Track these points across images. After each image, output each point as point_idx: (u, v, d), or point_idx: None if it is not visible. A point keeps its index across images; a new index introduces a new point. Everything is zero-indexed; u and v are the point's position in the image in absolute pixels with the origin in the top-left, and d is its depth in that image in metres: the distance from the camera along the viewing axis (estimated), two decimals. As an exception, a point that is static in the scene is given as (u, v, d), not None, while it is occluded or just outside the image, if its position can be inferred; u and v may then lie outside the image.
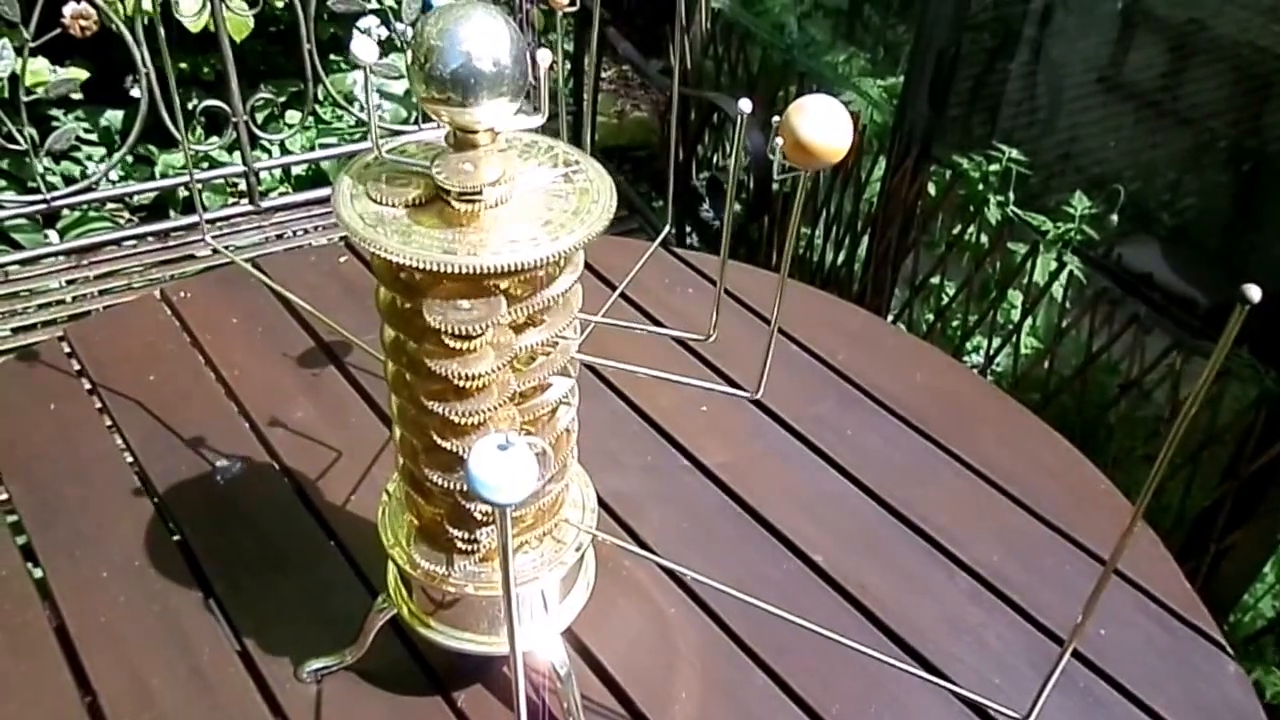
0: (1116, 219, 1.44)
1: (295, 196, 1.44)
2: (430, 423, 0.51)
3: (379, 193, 0.46)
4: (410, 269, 0.46)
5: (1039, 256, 1.37)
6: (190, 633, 0.68)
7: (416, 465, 0.54)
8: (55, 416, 0.82)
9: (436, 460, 0.52)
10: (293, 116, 1.66)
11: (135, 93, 1.52)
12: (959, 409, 0.89)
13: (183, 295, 0.95)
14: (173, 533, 0.75)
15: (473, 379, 0.48)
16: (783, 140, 0.39)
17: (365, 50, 0.40)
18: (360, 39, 0.39)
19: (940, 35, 1.42)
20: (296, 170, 1.68)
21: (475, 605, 0.59)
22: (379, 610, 0.64)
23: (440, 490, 0.53)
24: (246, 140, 1.31)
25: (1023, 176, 1.46)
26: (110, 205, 1.63)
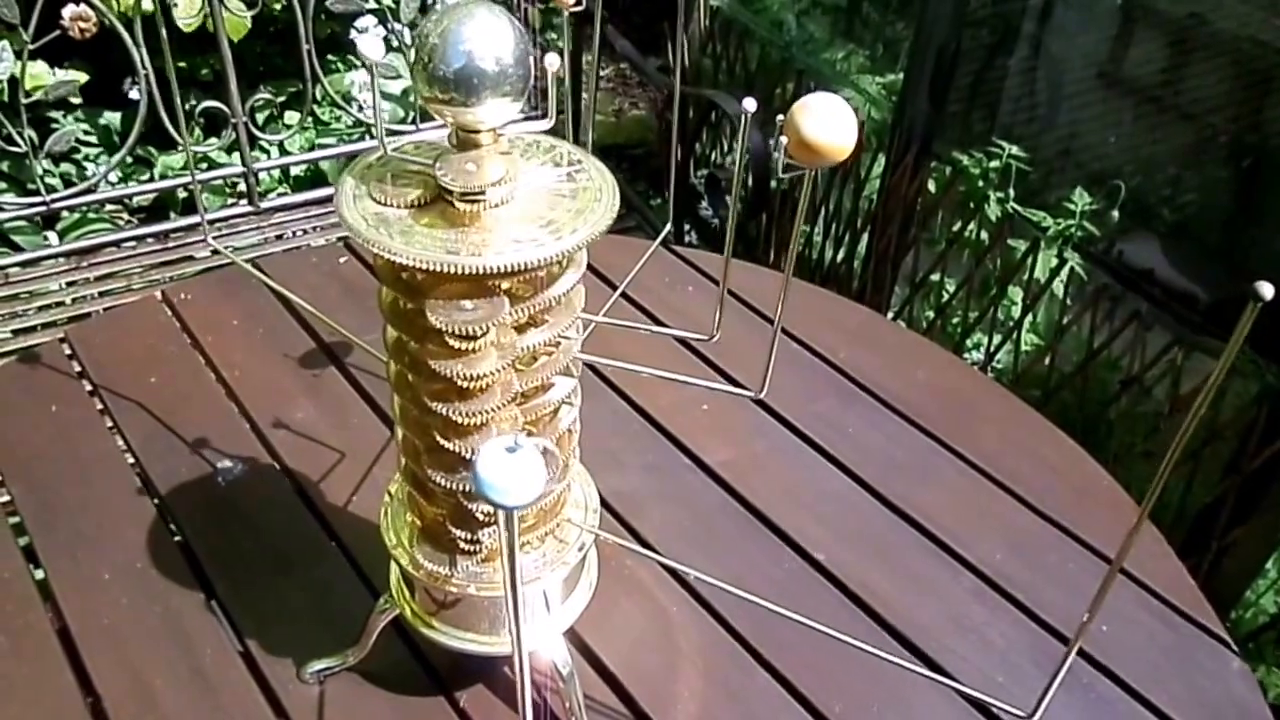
0: (1117, 215, 1.44)
1: (294, 197, 1.43)
2: (432, 423, 0.51)
3: (382, 193, 0.46)
4: (412, 269, 0.46)
5: (1040, 253, 1.37)
6: (192, 634, 0.68)
7: (419, 466, 0.54)
8: (56, 418, 0.82)
9: (439, 461, 0.52)
10: (291, 117, 1.66)
11: (134, 94, 1.52)
12: (961, 406, 0.88)
13: (183, 297, 0.94)
14: (174, 534, 0.75)
15: (475, 379, 0.48)
16: (787, 139, 0.39)
17: (371, 48, 0.39)
18: (367, 37, 0.39)
19: (940, 31, 1.42)
20: (295, 171, 1.68)
21: (477, 605, 0.59)
22: (381, 611, 0.64)
23: (442, 491, 0.53)
24: (246, 141, 1.31)
25: (1023, 173, 1.46)
26: (110, 207, 1.63)
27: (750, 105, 0.42)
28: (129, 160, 1.48)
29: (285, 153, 1.52)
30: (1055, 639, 0.70)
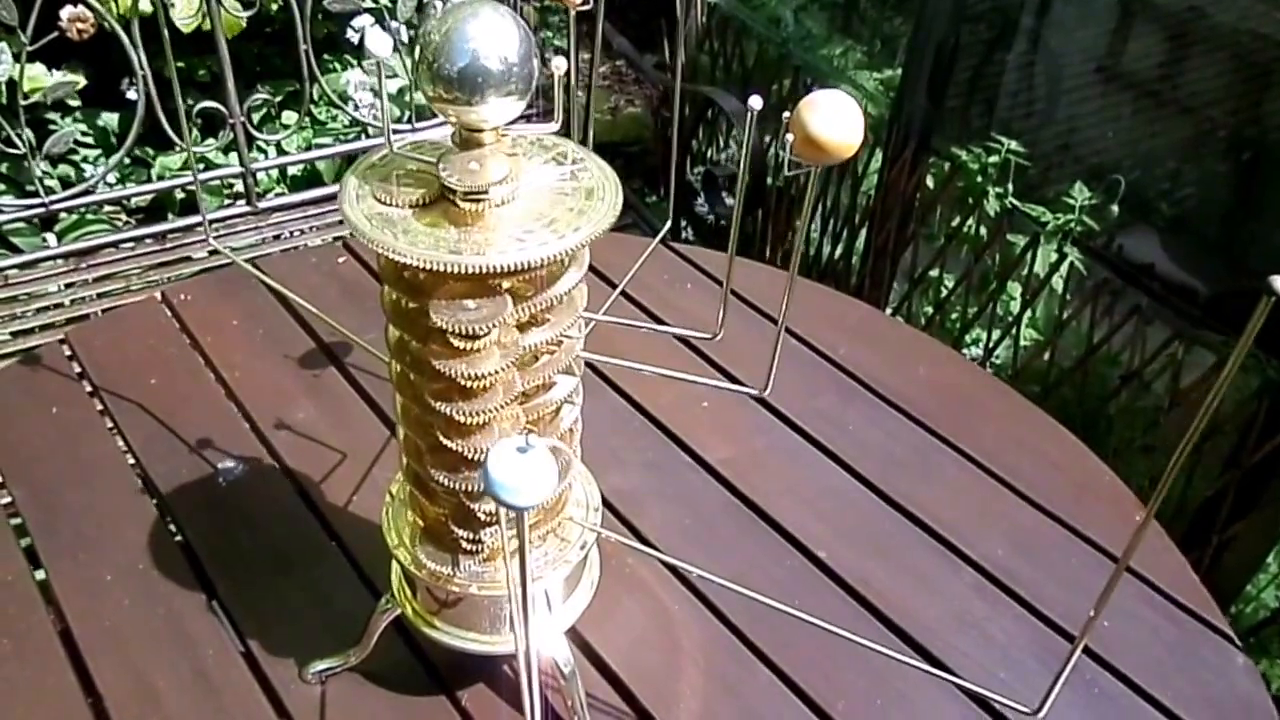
0: (1117, 210, 1.44)
1: (292, 197, 1.43)
2: (435, 422, 0.51)
3: (385, 193, 0.46)
4: (415, 269, 0.46)
5: (1039, 248, 1.37)
6: (194, 635, 0.68)
7: (421, 465, 0.54)
8: (57, 420, 0.82)
9: (441, 460, 0.52)
10: (288, 117, 1.66)
11: (131, 95, 1.52)
12: (961, 402, 0.88)
13: (183, 298, 0.94)
14: (175, 535, 0.75)
15: (478, 379, 0.47)
16: (793, 136, 0.39)
17: (379, 45, 0.39)
18: (375, 32, 0.39)
19: (939, 27, 1.42)
20: (292, 170, 1.68)
21: (479, 605, 0.59)
22: (383, 611, 0.64)
23: (445, 490, 0.53)
24: (244, 141, 1.31)
25: (1021, 167, 1.46)
26: (108, 208, 1.63)
27: (756, 103, 0.42)
28: (126, 161, 1.48)
29: (282, 153, 1.52)
30: (1058, 635, 0.70)
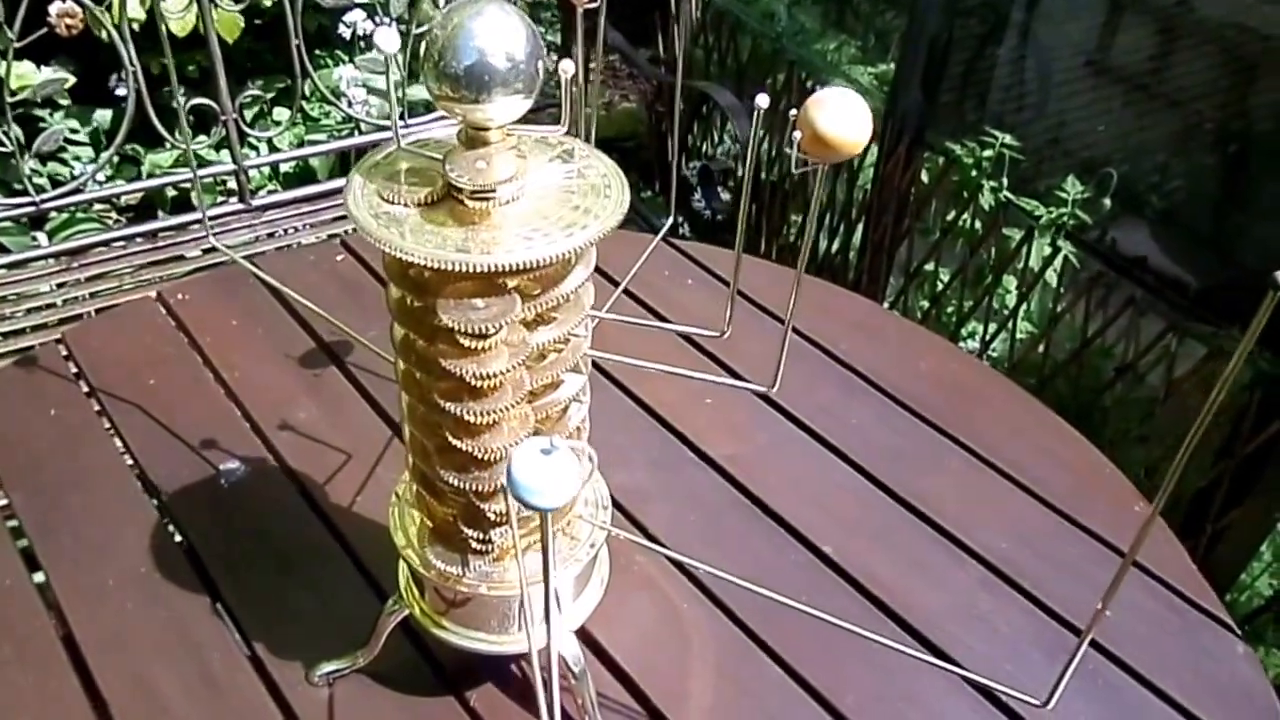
0: (1110, 203, 1.44)
1: (285, 194, 1.42)
2: (443, 422, 0.50)
3: (391, 192, 0.46)
4: (420, 267, 0.45)
5: (1034, 241, 1.38)
6: (199, 638, 0.67)
7: (428, 465, 0.54)
8: (55, 422, 0.81)
9: (450, 460, 0.52)
10: (279, 113, 1.65)
11: (121, 91, 1.50)
12: (963, 396, 0.89)
13: (180, 297, 0.93)
14: (177, 538, 0.74)
15: (487, 378, 0.47)
16: (801, 134, 0.39)
17: (388, 41, 0.39)
18: (383, 30, 0.38)
19: (933, 21, 1.42)
20: (285, 167, 1.67)
21: (488, 604, 0.59)
22: (390, 612, 0.64)
23: (453, 491, 0.53)
24: (236, 138, 1.30)
25: (1014, 161, 1.46)
26: (98, 206, 1.61)
27: (763, 102, 0.41)
28: (116, 159, 1.46)
29: (274, 149, 1.51)
30: (1062, 626, 0.71)
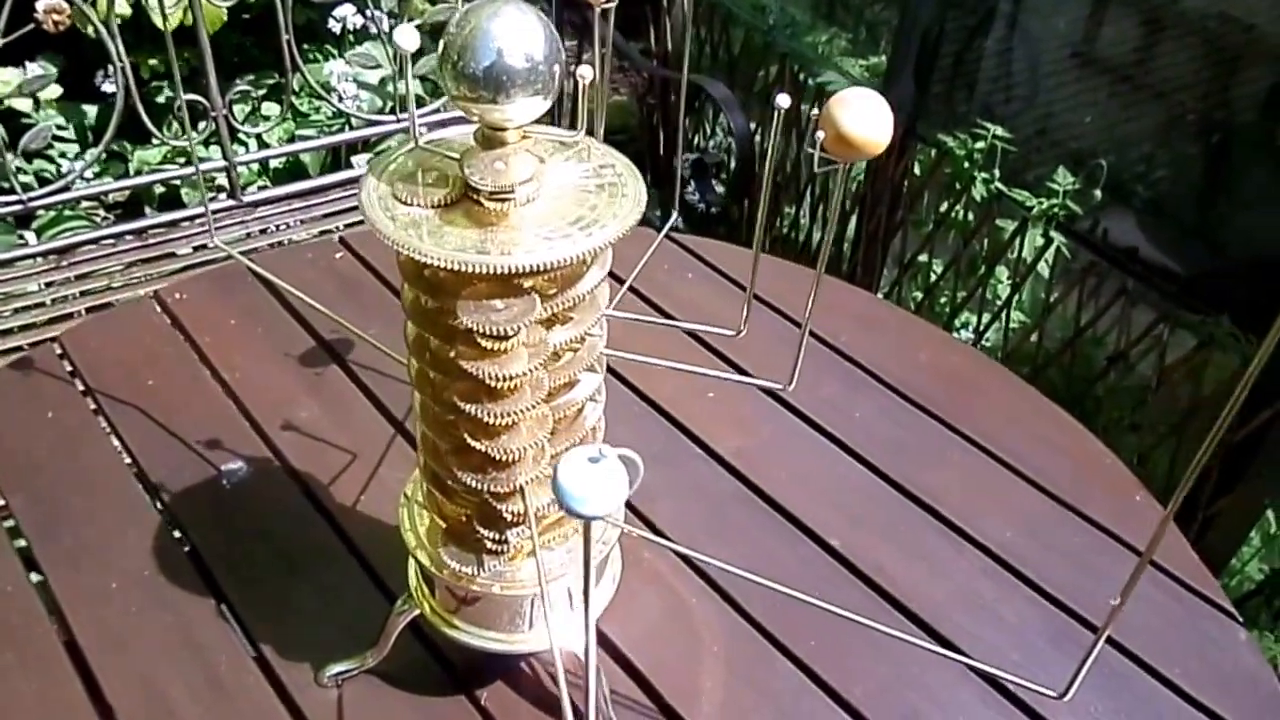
0: (1100, 194, 1.45)
1: (276, 190, 1.41)
2: (460, 423, 0.50)
3: (407, 194, 0.45)
4: (435, 267, 0.45)
5: (1027, 232, 1.39)
6: (205, 642, 0.67)
7: (442, 465, 0.54)
8: (54, 425, 0.80)
9: (466, 461, 0.51)
10: (268, 109, 1.63)
11: (108, 87, 1.49)
12: (963, 388, 0.89)
13: (177, 296, 0.93)
14: (181, 540, 0.73)
15: (506, 379, 0.47)
16: (824, 134, 0.39)
17: (407, 38, 0.38)
18: (402, 26, 0.38)
19: (925, 14, 1.42)
20: (274, 163, 1.65)
21: (500, 603, 0.59)
22: (400, 612, 0.64)
23: (469, 491, 0.53)
24: (226, 134, 1.29)
25: (1005, 152, 1.47)
26: (86, 204, 1.59)
27: (784, 101, 0.41)
28: (103, 156, 1.44)
29: (264, 145, 1.49)
30: (1067, 615, 0.71)
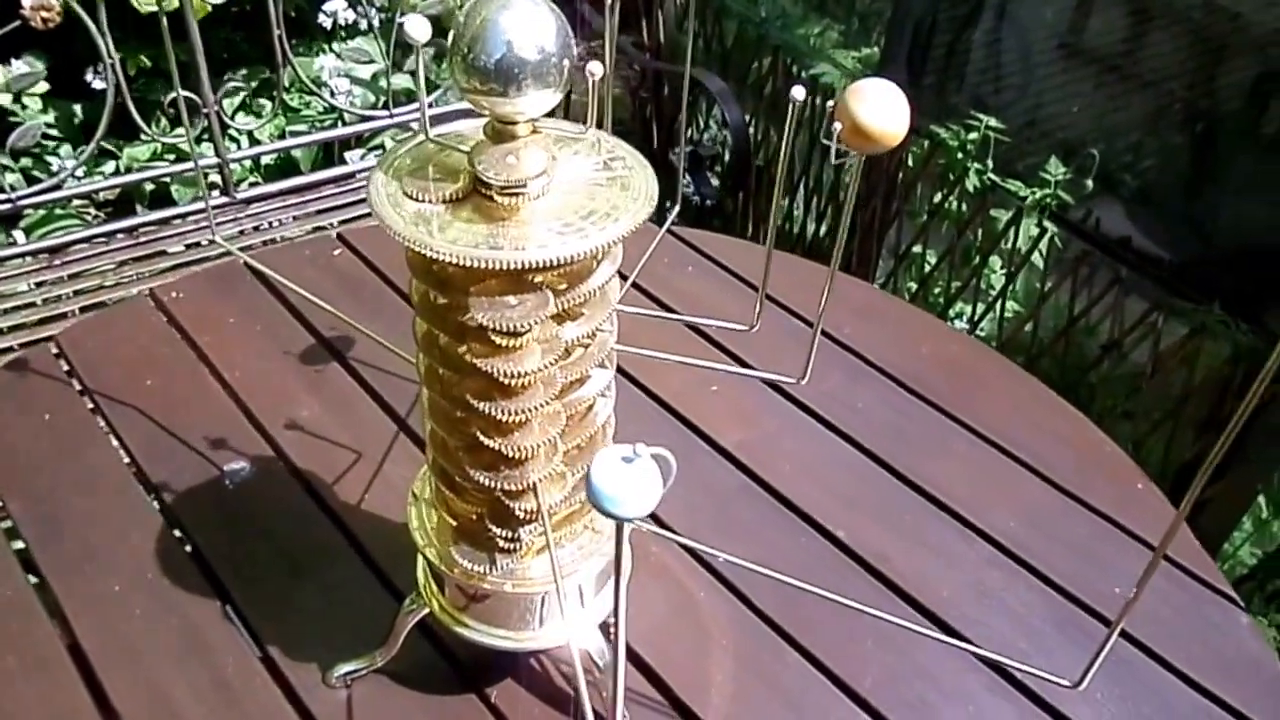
0: (1092, 184, 1.46)
1: (269, 186, 1.40)
2: (472, 420, 0.50)
3: (416, 189, 0.45)
4: (444, 263, 0.44)
5: (1021, 222, 1.39)
6: (211, 643, 0.66)
7: (452, 463, 0.53)
8: (52, 427, 0.80)
9: (478, 459, 0.51)
10: (259, 105, 1.61)
11: (98, 84, 1.47)
12: (965, 378, 0.89)
13: (175, 295, 0.92)
14: (184, 542, 0.73)
15: (519, 376, 0.47)
16: (841, 125, 0.39)
17: (418, 29, 0.38)
18: (413, 18, 0.37)
19: (917, 6, 1.42)
20: (265, 160, 1.64)
21: (509, 600, 0.58)
22: (409, 611, 0.63)
23: (481, 489, 0.52)
24: (218, 130, 1.27)
25: (997, 143, 1.47)
26: (76, 202, 1.57)
27: (799, 93, 0.41)
28: (95, 153, 1.43)
29: (255, 141, 1.48)
30: (1071, 603, 0.72)
